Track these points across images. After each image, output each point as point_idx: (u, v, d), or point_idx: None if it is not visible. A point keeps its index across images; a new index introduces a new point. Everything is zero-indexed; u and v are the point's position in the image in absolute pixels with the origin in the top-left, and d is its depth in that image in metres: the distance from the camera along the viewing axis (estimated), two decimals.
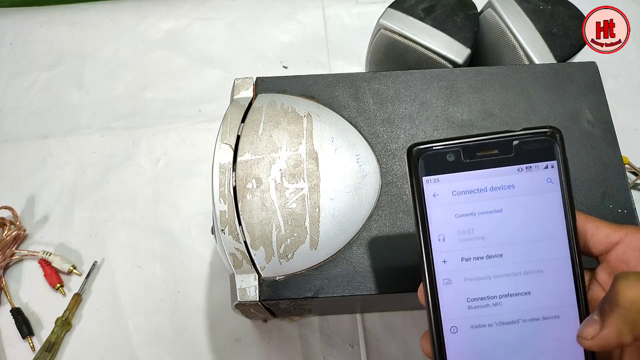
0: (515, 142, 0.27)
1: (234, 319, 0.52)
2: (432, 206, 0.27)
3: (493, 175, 0.27)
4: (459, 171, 0.27)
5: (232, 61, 0.68)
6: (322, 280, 0.38)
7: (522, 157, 0.27)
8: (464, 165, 0.27)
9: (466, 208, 0.27)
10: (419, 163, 0.27)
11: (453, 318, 0.27)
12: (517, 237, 0.27)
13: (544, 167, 0.27)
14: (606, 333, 0.23)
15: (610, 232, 0.27)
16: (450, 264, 0.27)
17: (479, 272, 0.27)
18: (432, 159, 0.27)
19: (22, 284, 0.55)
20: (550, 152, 0.27)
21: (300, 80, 0.44)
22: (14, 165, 0.61)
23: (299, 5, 0.71)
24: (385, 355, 0.51)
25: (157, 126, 0.63)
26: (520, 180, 0.27)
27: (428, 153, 0.27)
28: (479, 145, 0.27)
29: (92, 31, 0.70)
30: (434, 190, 0.27)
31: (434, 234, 0.27)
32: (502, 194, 0.27)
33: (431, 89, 0.44)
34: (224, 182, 0.39)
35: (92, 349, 0.52)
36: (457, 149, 0.27)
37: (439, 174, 0.27)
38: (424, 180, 0.27)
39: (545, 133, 0.27)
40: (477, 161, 0.27)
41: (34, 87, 0.66)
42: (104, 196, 0.59)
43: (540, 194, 0.27)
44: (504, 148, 0.27)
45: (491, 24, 0.53)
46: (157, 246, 0.56)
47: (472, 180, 0.27)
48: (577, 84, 0.44)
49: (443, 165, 0.27)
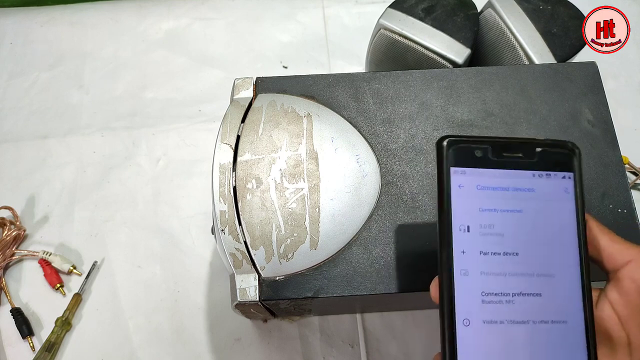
0: (539, 149, 0.28)
1: (234, 319, 0.52)
2: (457, 196, 0.28)
3: (516, 177, 0.28)
4: (485, 167, 0.28)
5: (232, 61, 0.68)
6: (322, 280, 0.38)
7: (544, 164, 0.28)
8: (491, 162, 0.28)
9: (489, 203, 0.28)
10: (449, 153, 0.28)
11: (467, 311, 0.27)
12: (533, 238, 0.28)
13: (562, 177, 0.29)
14: None
15: (624, 249, 0.28)
16: (468, 256, 0.27)
17: (495, 268, 0.27)
18: (462, 152, 0.28)
19: (22, 284, 0.55)
20: (569, 164, 0.29)
21: (300, 80, 0.44)
22: (14, 165, 0.61)
23: (299, 5, 0.71)
24: (385, 355, 0.51)
25: (157, 126, 0.63)
26: (540, 186, 0.28)
27: (459, 145, 0.28)
28: (507, 145, 0.28)
29: (92, 31, 0.70)
30: (460, 181, 0.28)
31: (456, 224, 0.28)
32: (523, 196, 0.28)
33: (431, 89, 0.44)
34: (224, 182, 0.39)
35: (92, 349, 0.52)
36: (486, 146, 0.28)
37: (467, 166, 0.28)
38: (451, 171, 0.28)
39: (567, 145, 0.29)
40: (502, 160, 0.28)
41: (34, 87, 0.66)
42: (104, 196, 0.59)
43: (556, 201, 0.28)
44: (528, 152, 0.28)
45: (491, 24, 0.53)
46: (157, 246, 0.56)
47: (497, 178, 0.28)
48: (577, 83, 0.44)
49: (471, 159, 0.28)
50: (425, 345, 0.51)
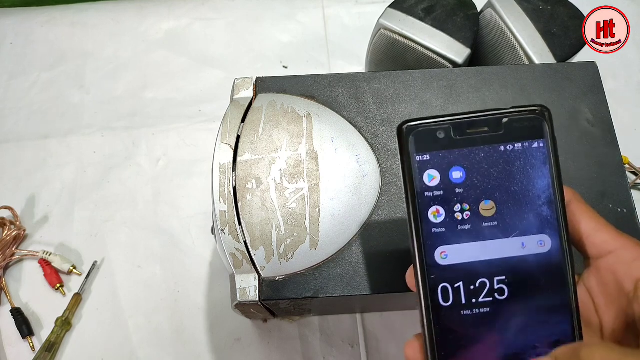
0: (505, 119, 0.27)
1: (234, 319, 0.52)
2: (423, 184, 0.27)
3: (484, 153, 0.27)
4: (451, 148, 0.27)
5: (232, 61, 0.68)
6: (322, 280, 0.38)
7: (512, 135, 0.27)
8: (456, 142, 0.27)
9: (459, 184, 0.27)
10: (410, 140, 0.27)
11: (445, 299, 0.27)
12: (509, 215, 0.27)
13: (533, 145, 0.27)
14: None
15: (608, 240, 0.27)
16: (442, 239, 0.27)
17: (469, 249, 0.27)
18: (424, 136, 0.27)
19: (22, 284, 0.55)
20: (540, 130, 0.27)
21: (300, 80, 0.44)
22: (14, 165, 0.61)
23: (299, 5, 0.72)
24: (385, 355, 0.51)
25: (157, 126, 0.63)
26: (512, 159, 0.27)
27: (419, 130, 0.27)
28: (469, 122, 0.27)
29: (92, 31, 0.70)
30: (427, 168, 0.27)
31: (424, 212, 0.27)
32: (494, 173, 0.27)
33: (431, 89, 0.44)
34: (224, 182, 0.39)
35: (92, 349, 0.52)
36: (448, 126, 0.27)
37: (432, 151, 0.27)
38: (416, 158, 0.27)
39: (534, 111, 0.27)
40: (467, 138, 0.27)
41: (34, 87, 0.66)
42: (104, 196, 0.59)
43: (532, 170, 0.27)
44: (493, 125, 0.27)
45: (491, 24, 0.53)
46: (157, 246, 0.56)
47: (464, 158, 0.27)
48: (577, 83, 0.44)
49: (435, 143, 0.27)
50: None
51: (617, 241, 0.27)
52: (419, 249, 0.27)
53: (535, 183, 0.27)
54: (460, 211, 0.27)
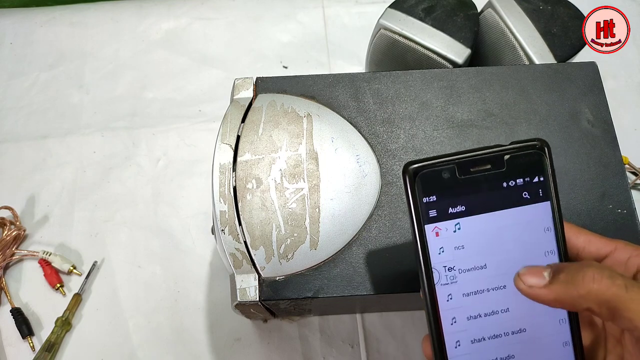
0: (507, 156, 0.27)
1: (234, 319, 0.52)
2: (431, 231, 0.27)
3: (488, 194, 0.27)
4: (456, 189, 0.27)
5: (232, 61, 0.68)
6: (322, 280, 0.38)
7: (514, 172, 0.27)
8: (460, 183, 0.27)
9: (464, 230, 0.27)
10: (417, 182, 0.26)
11: (454, 331, 0.27)
12: (512, 250, 0.27)
13: (534, 180, 0.27)
14: (546, 292, 0.25)
15: (601, 246, 0.28)
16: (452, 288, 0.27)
17: (475, 284, 0.27)
18: (430, 178, 0.27)
19: (22, 284, 0.55)
20: (540, 164, 0.27)
21: (300, 80, 0.44)
22: (14, 165, 0.61)
23: (299, 5, 0.71)
24: (385, 355, 0.51)
25: (157, 126, 0.63)
26: (514, 199, 0.27)
27: (425, 171, 0.26)
28: (474, 160, 0.27)
29: (92, 31, 0.70)
30: (433, 211, 0.27)
31: (433, 253, 0.27)
32: (499, 216, 0.27)
33: (431, 89, 0.44)
34: (224, 182, 0.39)
35: (92, 349, 0.52)
36: (452, 166, 0.27)
37: (437, 192, 0.27)
38: (424, 201, 0.27)
39: (535, 146, 0.27)
40: (472, 178, 0.27)
41: (34, 87, 0.66)
42: (104, 196, 0.59)
43: (530, 207, 0.27)
44: (496, 163, 0.27)
45: (491, 24, 0.53)
46: (157, 246, 0.56)
47: (469, 198, 0.27)
48: (577, 84, 0.44)
49: (439, 184, 0.27)
50: None
51: (610, 245, 0.28)
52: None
53: (538, 217, 0.27)
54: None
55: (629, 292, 0.23)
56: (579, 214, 0.40)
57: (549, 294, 0.24)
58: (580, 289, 0.23)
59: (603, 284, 0.23)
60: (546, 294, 0.24)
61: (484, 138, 0.42)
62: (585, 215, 0.40)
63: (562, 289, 0.24)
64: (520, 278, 0.25)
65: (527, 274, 0.25)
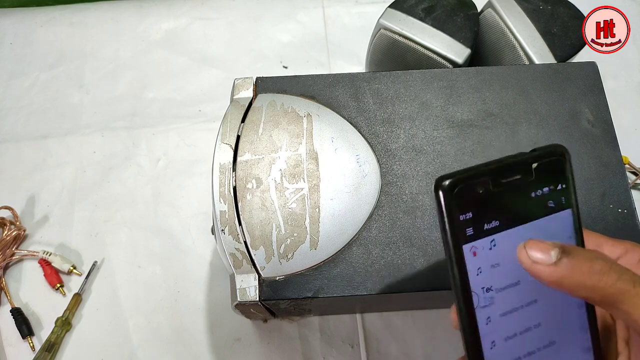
0: (534, 164, 0.26)
1: (234, 319, 0.52)
2: (468, 251, 0.25)
3: (518, 205, 0.26)
4: (489, 204, 0.25)
5: (232, 61, 0.68)
6: (322, 280, 0.38)
7: (542, 180, 0.26)
8: (493, 196, 0.25)
9: (498, 249, 0.26)
10: (453, 199, 0.24)
11: (494, 356, 0.26)
12: None
13: (558, 188, 0.26)
14: (549, 272, 0.23)
15: (612, 249, 0.28)
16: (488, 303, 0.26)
17: (510, 303, 0.26)
18: (464, 193, 0.25)
19: (22, 284, 0.55)
20: (563, 171, 0.26)
21: (300, 80, 0.44)
22: (14, 165, 0.61)
23: (299, 5, 0.71)
24: (385, 355, 0.51)
25: (157, 126, 0.63)
26: (541, 207, 0.26)
27: (460, 186, 0.24)
28: (504, 170, 0.25)
29: (92, 31, 0.70)
30: (469, 229, 0.25)
31: (472, 276, 0.25)
32: (528, 227, 0.26)
33: (431, 89, 0.44)
34: (224, 182, 0.39)
35: (92, 349, 0.52)
36: (486, 178, 0.25)
37: (473, 208, 0.25)
38: (460, 219, 0.25)
39: (557, 152, 0.26)
40: (502, 190, 0.25)
41: (34, 87, 0.66)
42: (104, 196, 0.59)
43: (555, 216, 0.27)
44: (525, 172, 0.26)
45: (491, 24, 0.53)
46: (157, 246, 0.56)
47: (501, 212, 0.26)
48: (577, 84, 0.44)
49: (474, 199, 0.25)
50: (425, 345, 0.51)
51: (620, 247, 0.28)
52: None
53: (561, 225, 0.27)
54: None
55: (637, 288, 0.22)
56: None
57: (552, 275, 0.23)
58: (587, 278, 0.23)
59: (612, 277, 0.23)
60: (549, 273, 0.23)
61: (484, 138, 0.42)
62: (585, 215, 0.40)
63: (567, 273, 0.23)
64: (526, 250, 0.24)
65: (534, 247, 0.24)
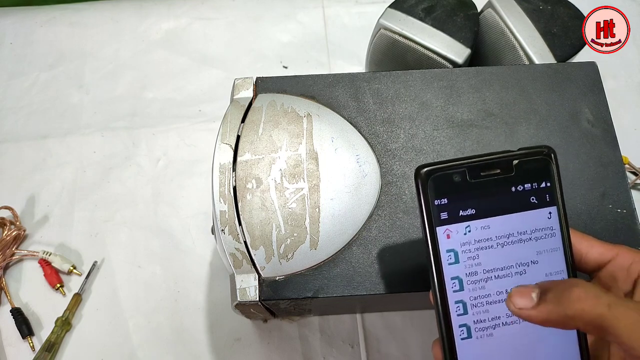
0: (516, 161, 0.28)
1: (234, 319, 0.52)
2: (442, 231, 0.28)
3: (497, 197, 0.28)
4: (465, 192, 0.28)
5: (232, 61, 0.68)
6: (322, 280, 0.38)
7: (522, 177, 0.28)
8: (470, 186, 0.27)
9: (473, 230, 0.28)
10: (430, 185, 0.27)
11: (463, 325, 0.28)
12: (518, 254, 0.28)
13: (542, 186, 0.28)
14: (535, 313, 0.25)
15: (603, 251, 0.29)
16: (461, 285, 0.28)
17: (486, 284, 0.28)
18: (441, 180, 0.27)
19: (22, 284, 0.55)
20: (547, 171, 0.28)
21: (300, 80, 0.44)
22: (14, 165, 0.61)
23: (299, 5, 0.71)
24: (385, 355, 0.51)
25: (157, 126, 0.63)
26: (522, 204, 0.28)
27: (437, 174, 0.27)
28: (484, 165, 0.27)
29: (92, 31, 0.70)
30: (444, 213, 0.28)
31: (444, 258, 0.28)
32: (507, 220, 0.28)
33: (431, 89, 0.44)
34: (224, 182, 0.39)
35: (92, 349, 0.52)
36: (464, 169, 0.27)
37: (448, 195, 0.27)
38: (435, 203, 0.27)
39: (542, 152, 0.28)
40: (481, 182, 0.27)
41: (34, 87, 0.66)
42: (104, 196, 0.59)
43: (538, 211, 0.28)
44: (505, 167, 0.28)
45: (491, 24, 0.53)
46: (157, 246, 0.56)
47: (478, 201, 0.27)
48: (577, 84, 0.44)
49: (450, 186, 0.27)
50: (425, 345, 0.51)
51: (612, 250, 0.28)
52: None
53: (545, 222, 0.28)
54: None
55: (612, 310, 0.23)
56: (579, 214, 0.40)
57: (538, 315, 0.24)
58: (567, 309, 0.23)
59: (589, 303, 0.23)
60: (536, 315, 0.24)
61: (484, 138, 0.42)
62: (585, 214, 0.40)
63: (550, 310, 0.24)
64: (510, 299, 0.25)
65: (516, 295, 0.25)
